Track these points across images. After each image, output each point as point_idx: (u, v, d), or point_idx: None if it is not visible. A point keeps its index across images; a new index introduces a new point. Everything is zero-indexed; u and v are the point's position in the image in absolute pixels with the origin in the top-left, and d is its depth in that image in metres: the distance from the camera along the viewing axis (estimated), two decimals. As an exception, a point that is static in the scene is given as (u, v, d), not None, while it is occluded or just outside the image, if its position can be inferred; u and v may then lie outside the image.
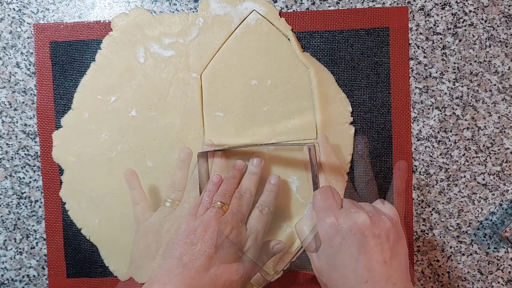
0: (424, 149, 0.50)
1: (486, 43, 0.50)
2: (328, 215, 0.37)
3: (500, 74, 0.50)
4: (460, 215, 0.51)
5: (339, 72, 0.50)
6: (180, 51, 0.49)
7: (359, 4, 0.50)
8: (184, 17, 0.49)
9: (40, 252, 0.51)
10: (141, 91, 0.49)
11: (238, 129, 0.49)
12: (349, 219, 0.36)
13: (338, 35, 0.50)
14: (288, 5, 0.50)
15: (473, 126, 0.50)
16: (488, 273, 0.51)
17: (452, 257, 0.51)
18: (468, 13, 0.50)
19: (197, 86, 0.49)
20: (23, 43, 0.50)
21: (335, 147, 0.49)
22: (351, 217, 0.36)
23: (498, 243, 0.51)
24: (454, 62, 0.50)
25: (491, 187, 0.50)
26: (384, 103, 0.50)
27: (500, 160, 0.50)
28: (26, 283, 0.52)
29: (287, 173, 0.50)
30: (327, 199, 0.39)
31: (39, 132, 0.50)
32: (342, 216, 0.37)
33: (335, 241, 0.36)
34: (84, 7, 0.50)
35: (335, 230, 0.36)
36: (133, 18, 0.49)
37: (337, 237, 0.36)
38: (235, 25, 0.49)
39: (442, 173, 0.50)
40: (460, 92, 0.50)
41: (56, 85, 0.50)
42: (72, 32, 0.50)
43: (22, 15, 0.50)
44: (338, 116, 0.49)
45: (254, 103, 0.49)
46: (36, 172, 0.51)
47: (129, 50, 0.49)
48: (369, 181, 0.49)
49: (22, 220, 0.51)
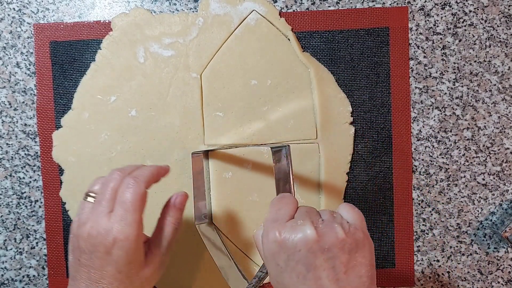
0: (424, 149, 0.50)
1: (486, 43, 0.50)
2: (272, 229, 0.33)
3: (500, 74, 0.50)
4: (460, 215, 0.51)
5: (339, 72, 0.50)
6: (180, 51, 0.49)
7: (359, 4, 0.50)
8: (184, 17, 0.49)
9: (40, 252, 0.51)
10: (141, 91, 0.49)
11: (238, 129, 0.49)
12: (294, 233, 0.32)
13: (338, 35, 0.50)
14: (288, 5, 0.50)
15: (473, 126, 0.50)
16: (488, 273, 0.51)
17: (452, 257, 0.51)
18: (468, 13, 0.50)
19: (197, 86, 0.49)
20: (23, 43, 0.50)
21: (335, 147, 0.49)
22: (296, 231, 0.32)
23: (498, 243, 0.51)
24: (454, 62, 0.50)
25: (491, 187, 0.50)
26: (384, 103, 0.50)
27: (500, 160, 0.50)
28: (26, 283, 0.52)
29: (287, 173, 0.50)
30: (279, 209, 0.34)
31: (39, 132, 0.50)
32: (286, 230, 0.32)
33: (280, 258, 0.32)
34: (84, 7, 0.50)
35: (279, 246, 0.32)
36: (133, 18, 0.49)
37: (282, 254, 0.32)
38: (235, 25, 0.49)
39: (442, 173, 0.50)
40: (460, 92, 0.50)
41: (56, 85, 0.50)
42: (72, 32, 0.50)
43: (22, 15, 0.50)
44: (338, 116, 0.49)
45: (254, 103, 0.49)
46: (36, 172, 0.51)
47: (129, 50, 0.49)
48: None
49: (22, 220, 0.51)
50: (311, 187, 0.50)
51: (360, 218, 0.34)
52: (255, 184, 0.50)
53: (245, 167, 0.50)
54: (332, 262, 0.31)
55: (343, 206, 0.35)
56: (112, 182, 0.38)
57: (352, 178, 0.50)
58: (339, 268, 0.31)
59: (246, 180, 0.50)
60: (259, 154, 0.49)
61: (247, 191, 0.50)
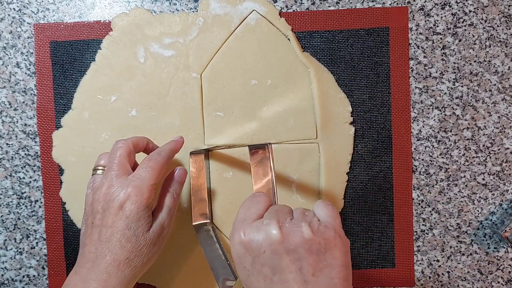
0: (424, 149, 0.50)
1: (486, 43, 0.50)
2: (237, 229, 0.32)
3: (500, 74, 0.50)
4: (460, 215, 0.51)
5: (339, 72, 0.50)
6: (180, 51, 0.49)
7: (359, 4, 0.50)
8: (184, 17, 0.49)
9: (40, 252, 0.51)
10: (141, 91, 0.49)
11: (238, 129, 0.49)
12: (258, 234, 0.30)
13: (338, 35, 0.50)
14: (288, 5, 0.50)
15: (473, 126, 0.50)
16: (488, 273, 0.51)
17: (452, 257, 0.51)
18: (468, 13, 0.50)
19: (197, 86, 0.49)
20: (23, 43, 0.50)
21: (335, 147, 0.49)
22: (260, 232, 0.31)
23: (498, 243, 0.51)
24: (454, 62, 0.50)
25: (491, 187, 0.50)
26: (384, 103, 0.50)
27: (500, 160, 0.50)
28: (26, 283, 0.52)
29: (287, 173, 0.50)
30: (249, 209, 0.33)
31: (39, 132, 0.50)
32: (251, 231, 0.31)
33: (246, 260, 0.31)
34: (84, 7, 0.50)
35: (244, 248, 0.31)
36: (133, 18, 0.49)
37: (247, 256, 0.31)
38: (235, 25, 0.49)
39: (442, 173, 0.50)
40: (460, 92, 0.50)
41: (56, 85, 0.50)
42: (72, 32, 0.50)
43: (22, 15, 0.50)
44: (338, 116, 0.49)
45: (254, 103, 0.49)
46: (36, 172, 0.51)
47: (129, 50, 0.49)
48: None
49: (22, 220, 0.51)
50: (311, 187, 0.50)
51: (334, 216, 0.33)
52: (255, 184, 0.50)
53: (245, 167, 0.50)
54: (299, 263, 0.30)
55: (317, 204, 0.34)
56: (119, 150, 0.41)
57: (352, 178, 0.50)
58: (307, 270, 0.30)
59: (246, 180, 0.50)
60: (259, 154, 0.49)
61: (247, 191, 0.50)
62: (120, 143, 0.42)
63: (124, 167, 0.40)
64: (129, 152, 0.41)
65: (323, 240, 0.30)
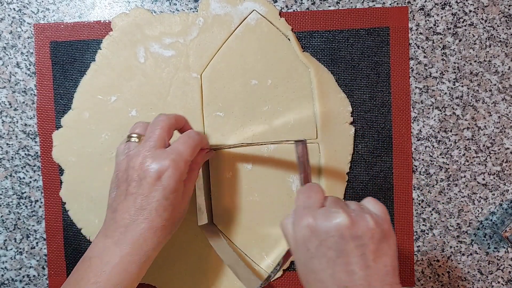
0: (424, 149, 0.50)
1: (486, 43, 0.50)
2: (304, 215, 0.34)
3: (500, 74, 0.50)
4: (460, 215, 0.51)
5: (339, 72, 0.50)
6: (180, 51, 0.49)
7: (359, 4, 0.50)
8: (184, 17, 0.49)
9: (40, 252, 0.51)
10: (141, 91, 0.49)
11: (238, 129, 0.49)
12: (327, 219, 0.33)
13: (338, 35, 0.50)
14: (288, 5, 0.50)
15: (473, 126, 0.50)
16: (488, 273, 0.51)
17: (452, 257, 0.51)
18: (468, 13, 0.50)
19: (197, 86, 0.49)
20: (23, 43, 0.50)
21: (335, 147, 0.49)
22: (329, 217, 0.33)
23: (498, 243, 0.51)
24: (454, 62, 0.50)
25: (491, 187, 0.50)
26: (384, 103, 0.50)
27: (500, 160, 0.50)
28: (26, 283, 0.52)
29: (287, 173, 0.50)
30: (309, 198, 0.36)
31: (39, 132, 0.50)
32: (320, 217, 0.34)
33: (312, 243, 0.34)
34: (84, 7, 0.50)
35: (311, 231, 0.34)
36: (133, 18, 0.49)
37: (313, 239, 0.33)
38: (235, 25, 0.49)
39: (442, 173, 0.50)
40: (460, 92, 0.50)
41: (56, 85, 0.50)
42: (72, 32, 0.50)
43: (22, 15, 0.50)
44: (338, 116, 0.49)
45: (254, 103, 0.49)
46: (36, 172, 0.51)
47: (129, 50, 0.49)
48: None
49: (22, 220, 0.51)
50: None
51: (385, 212, 0.36)
52: (255, 184, 0.50)
53: (245, 167, 0.50)
54: (362, 249, 0.33)
55: (368, 200, 0.37)
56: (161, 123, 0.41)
57: (352, 178, 0.50)
58: (368, 256, 0.32)
59: (246, 180, 0.50)
60: (259, 154, 0.49)
61: (247, 191, 0.50)
62: (163, 116, 0.42)
63: (163, 140, 0.41)
64: (169, 126, 0.42)
65: (381, 231, 0.33)
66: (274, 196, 0.50)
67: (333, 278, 0.33)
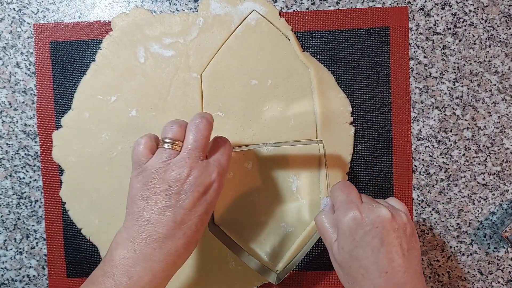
0: (424, 149, 0.50)
1: (486, 43, 0.50)
2: (351, 209, 0.38)
3: (500, 74, 0.50)
4: (460, 215, 0.51)
5: (339, 72, 0.50)
6: (180, 51, 0.49)
7: (359, 4, 0.50)
8: (184, 17, 0.49)
9: (40, 252, 0.51)
10: (141, 91, 0.49)
11: (238, 129, 0.49)
12: (372, 213, 0.38)
13: (338, 35, 0.50)
14: (288, 5, 0.50)
15: (473, 126, 0.50)
16: (488, 273, 0.51)
17: (452, 257, 0.51)
18: (468, 13, 0.50)
19: (197, 86, 0.49)
20: (23, 43, 0.50)
21: (335, 147, 0.49)
22: (374, 211, 0.38)
23: (498, 243, 0.51)
24: (454, 62, 0.50)
25: (491, 187, 0.50)
26: (384, 103, 0.50)
27: (500, 160, 0.50)
28: (26, 283, 0.52)
29: (287, 173, 0.50)
30: (349, 193, 0.40)
31: (39, 132, 0.50)
32: (365, 210, 0.38)
33: (358, 234, 0.38)
34: (84, 7, 0.50)
35: (357, 223, 0.38)
36: (133, 18, 0.49)
37: (359, 230, 0.37)
38: (235, 25, 0.49)
39: (442, 173, 0.50)
40: (460, 92, 0.50)
41: (56, 85, 0.50)
42: (72, 32, 0.50)
43: (22, 15, 0.50)
44: (338, 116, 0.49)
45: (254, 103, 0.49)
46: (36, 172, 0.51)
47: (129, 50, 0.49)
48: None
49: (22, 220, 0.51)
50: (311, 187, 0.50)
51: (407, 211, 0.40)
52: (255, 184, 0.50)
53: (246, 167, 0.50)
54: (400, 240, 0.38)
55: (392, 200, 0.42)
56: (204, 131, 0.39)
57: (352, 178, 0.50)
58: (404, 246, 0.38)
59: (247, 180, 0.50)
60: (259, 154, 0.49)
61: (247, 191, 0.50)
62: (204, 121, 0.39)
63: (206, 149, 0.40)
64: (210, 133, 0.40)
65: (410, 227, 0.39)
66: (274, 196, 0.50)
67: (376, 264, 0.37)
